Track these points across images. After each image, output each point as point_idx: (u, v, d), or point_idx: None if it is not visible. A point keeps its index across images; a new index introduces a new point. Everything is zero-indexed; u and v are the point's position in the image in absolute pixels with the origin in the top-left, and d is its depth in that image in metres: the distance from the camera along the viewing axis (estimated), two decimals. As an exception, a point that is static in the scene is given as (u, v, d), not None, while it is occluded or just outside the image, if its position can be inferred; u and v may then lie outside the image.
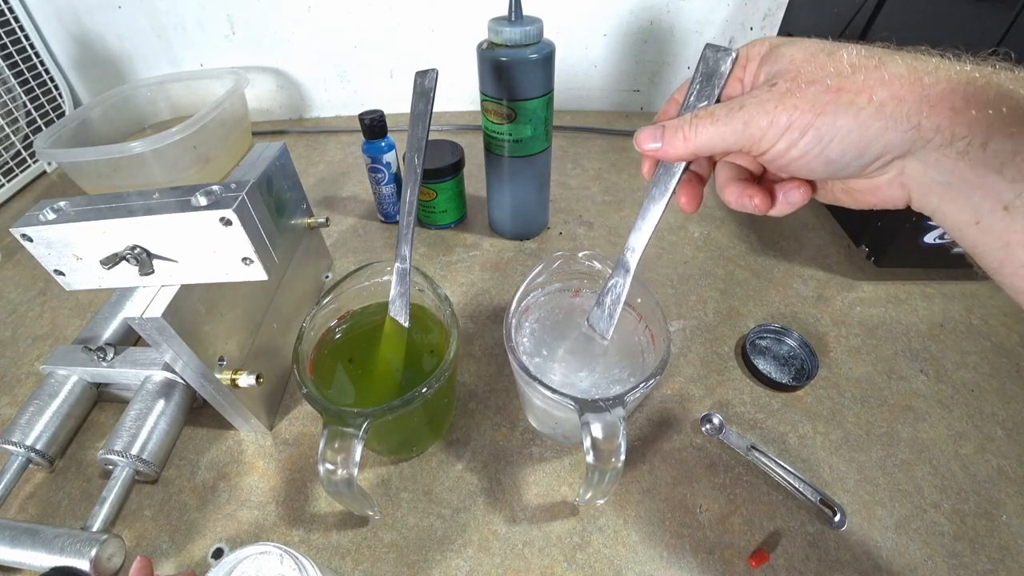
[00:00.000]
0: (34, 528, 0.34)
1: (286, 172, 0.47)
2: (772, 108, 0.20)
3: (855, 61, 0.20)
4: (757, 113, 0.21)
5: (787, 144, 0.21)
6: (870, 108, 0.19)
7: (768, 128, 0.21)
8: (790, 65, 0.21)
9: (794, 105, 0.20)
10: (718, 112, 0.22)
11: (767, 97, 0.21)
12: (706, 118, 0.22)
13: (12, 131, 0.76)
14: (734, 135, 0.22)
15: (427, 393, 0.32)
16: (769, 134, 0.21)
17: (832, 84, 0.19)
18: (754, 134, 0.21)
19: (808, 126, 0.20)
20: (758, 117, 0.21)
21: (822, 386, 0.45)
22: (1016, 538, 0.36)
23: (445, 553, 0.36)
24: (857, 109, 0.19)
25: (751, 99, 0.21)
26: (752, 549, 0.35)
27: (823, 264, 0.58)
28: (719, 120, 0.22)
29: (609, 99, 0.91)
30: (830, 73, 0.20)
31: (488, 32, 0.47)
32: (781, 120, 0.20)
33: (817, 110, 0.20)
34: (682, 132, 0.23)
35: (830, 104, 0.19)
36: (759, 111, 0.21)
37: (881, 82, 0.19)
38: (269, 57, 0.89)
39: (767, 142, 0.21)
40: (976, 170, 0.18)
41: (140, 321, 0.32)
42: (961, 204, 0.19)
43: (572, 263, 0.40)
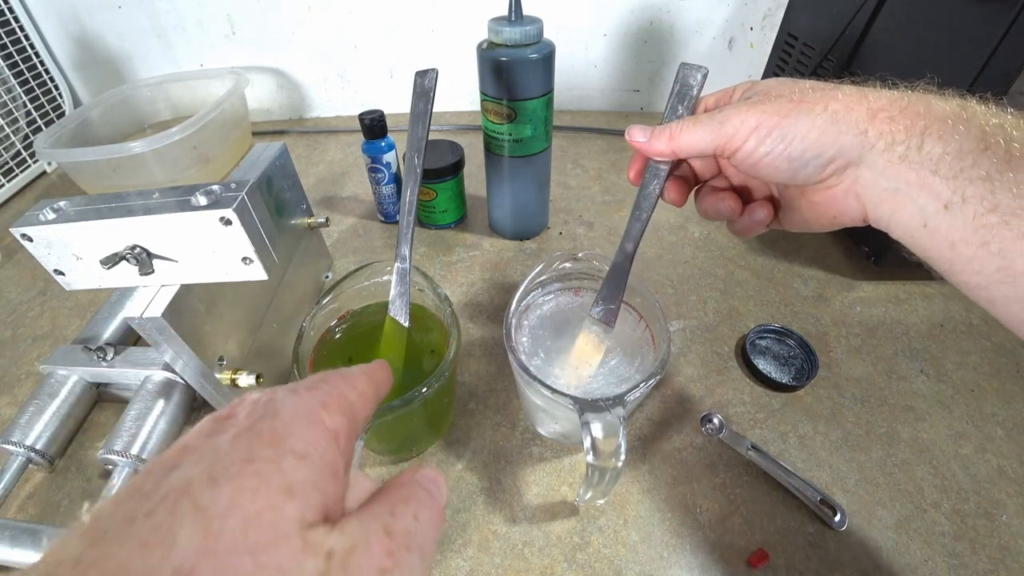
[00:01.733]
0: (34, 528, 0.34)
1: (286, 172, 0.47)
2: (745, 111, 0.24)
3: (816, 85, 0.25)
4: (732, 115, 0.25)
5: (756, 142, 0.24)
6: (825, 115, 0.23)
7: (740, 126, 0.24)
8: (764, 88, 0.26)
9: (763, 110, 0.24)
10: (701, 117, 0.26)
11: (743, 106, 0.25)
12: (690, 122, 0.26)
13: (12, 131, 0.76)
14: (711, 134, 0.25)
15: (427, 393, 0.32)
16: (741, 131, 0.24)
17: (795, 97, 0.24)
18: (728, 132, 0.25)
19: (774, 127, 0.23)
20: (733, 117, 0.25)
21: (822, 386, 0.45)
22: (1016, 538, 0.36)
23: (445, 553, 0.36)
24: (815, 115, 0.23)
25: (729, 107, 0.25)
26: (752, 549, 0.35)
27: (823, 264, 0.58)
28: (700, 123, 0.26)
29: (609, 99, 0.91)
30: (794, 91, 0.24)
31: (488, 32, 0.47)
32: (751, 121, 0.24)
33: (782, 114, 0.23)
34: (668, 131, 0.27)
35: (793, 110, 0.23)
36: (734, 113, 0.25)
37: (834, 98, 0.23)
38: (269, 57, 0.89)
39: (739, 139, 0.24)
40: (916, 171, 0.21)
41: (140, 321, 0.32)
42: (909, 208, 0.22)
43: (572, 263, 0.40)
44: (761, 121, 0.24)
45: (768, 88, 0.25)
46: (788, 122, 0.23)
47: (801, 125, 0.23)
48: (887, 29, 0.51)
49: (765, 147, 0.24)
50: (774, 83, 0.26)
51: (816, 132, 0.23)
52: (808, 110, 0.23)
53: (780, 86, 0.25)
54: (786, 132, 0.23)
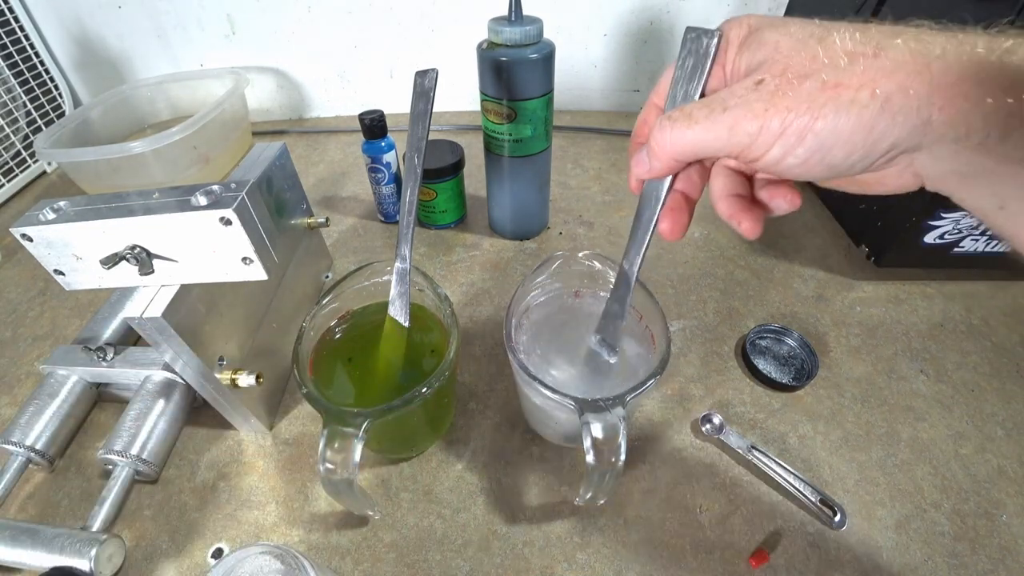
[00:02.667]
0: (34, 528, 0.34)
1: (286, 172, 0.47)
2: (761, 111, 0.18)
3: (850, 48, 0.17)
4: (743, 117, 0.18)
5: (782, 151, 0.18)
6: (874, 104, 0.16)
7: (758, 134, 0.18)
8: (775, 54, 0.19)
9: (787, 107, 0.17)
10: (697, 113, 0.20)
11: (754, 97, 0.18)
12: (682, 120, 0.20)
13: (12, 131, 0.76)
14: (718, 141, 0.19)
15: (427, 393, 0.32)
16: (760, 141, 0.18)
17: (829, 79, 0.17)
18: (742, 140, 0.19)
19: (806, 130, 0.17)
20: (745, 122, 0.18)
21: (822, 386, 0.45)
22: (1016, 538, 0.36)
23: (445, 553, 0.36)
24: (860, 107, 0.17)
25: (734, 99, 0.19)
26: (752, 549, 0.35)
27: (823, 264, 0.58)
28: (698, 122, 0.19)
29: (609, 99, 0.91)
30: (824, 65, 0.17)
31: (488, 32, 0.47)
32: (773, 125, 0.18)
33: (814, 112, 0.17)
34: (657, 136, 0.21)
35: (829, 103, 0.17)
36: (746, 114, 0.18)
37: (884, 72, 0.16)
38: (269, 57, 0.89)
39: (758, 149, 0.19)
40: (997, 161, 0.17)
41: (140, 321, 0.32)
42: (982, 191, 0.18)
43: (572, 263, 0.40)
44: (787, 124, 0.18)
45: (784, 57, 0.18)
46: (825, 123, 0.17)
47: (843, 125, 0.17)
48: (887, 29, 0.51)
49: (796, 158, 0.18)
50: (788, 42, 0.19)
51: (863, 131, 0.17)
52: (851, 101, 0.17)
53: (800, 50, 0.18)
54: (823, 138, 0.17)
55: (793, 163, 0.19)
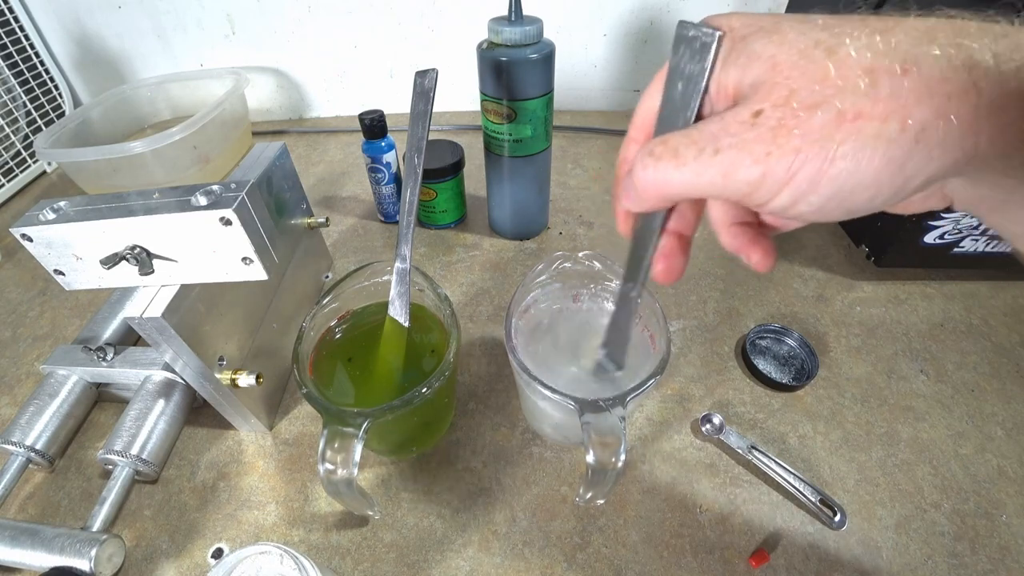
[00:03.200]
0: (34, 528, 0.34)
1: (286, 172, 0.47)
2: (763, 154, 0.14)
3: (870, 62, 0.13)
4: (740, 162, 0.15)
5: (791, 199, 0.15)
6: (906, 138, 0.13)
7: (761, 182, 0.15)
8: (774, 73, 0.15)
9: (794, 148, 0.14)
10: (684, 151, 0.16)
11: (752, 136, 0.15)
12: (668, 158, 0.16)
13: (12, 131, 0.76)
14: (712, 187, 0.16)
15: (427, 393, 0.32)
16: (764, 189, 0.15)
17: (846, 108, 0.13)
18: (740, 188, 0.15)
19: (820, 175, 0.14)
20: (743, 168, 0.15)
21: (822, 386, 0.45)
22: (1016, 538, 0.36)
23: (445, 553, 0.36)
24: (887, 143, 0.13)
25: (728, 137, 0.15)
26: (752, 549, 0.35)
27: (823, 264, 0.58)
28: (686, 164, 0.16)
29: (609, 99, 0.91)
30: (838, 89, 0.14)
31: (488, 32, 0.47)
32: (778, 171, 0.14)
33: (829, 152, 0.14)
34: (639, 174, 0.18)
35: (849, 141, 0.13)
36: (743, 159, 0.15)
37: (917, 95, 0.13)
38: (269, 57, 0.89)
39: (761, 197, 0.15)
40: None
41: (140, 321, 0.32)
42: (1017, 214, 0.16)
43: (572, 263, 0.40)
44: (797, 170, 0.14)
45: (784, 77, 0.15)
46: (843, 166, 0.14)
47: (866, 166, 0.14)
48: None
49: (808, 205, 0.15)
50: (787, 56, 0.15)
51: (892, 171, 0.14)
52: (876, 135, 0.13)
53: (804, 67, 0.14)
54: (842, 183, 0.14)
55: (806, 210, 0.15)
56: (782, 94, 0.15)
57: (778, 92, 0.15)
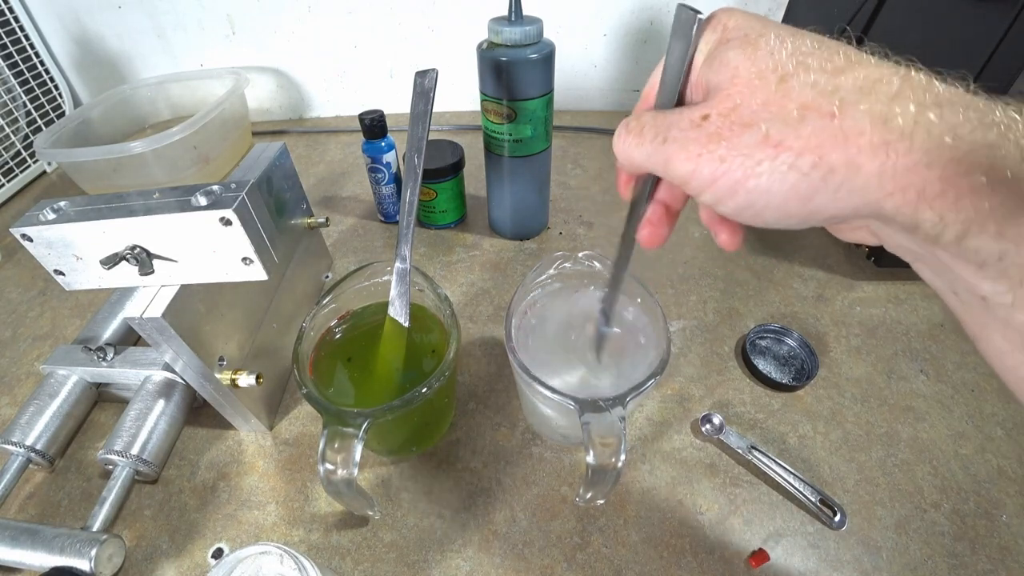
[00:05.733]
0: (34, 528, 0.34)
1: (286, 172, 0.47)
2: (695, 154, 0.17)
3: (809, 100, 0.15)
4: (677, 155, 0.17)
5: (713, 199, 0.17)
6: (815, 175, 0.15)
7: (690, 177, 0.17)
8: (731, 84, 0.16)
9: (720, 157, 0.16)
10: (647, 131, 0.18)
11: (693, 136, 0.17)
12: (635, 133, 0.19)
13: (12, 131, 0.76)
14: (659, 168, 0.18)
15: (427, 393, 0.32)
16: (692, 183, 0.17)
17: (772, 134, 0.15)
18: (676, 177, 0.18)
19: (736, 187, 0.16)
20: (679, 161, 0.17)
21: (822, 386, 0.45)
22: (1016, 538, 0.36)
23: (445, 553, 0.36)
24: (799, 175, 0.15)
25: (676, 130, 0.17)
26: (752, 549, 0.35)
27: (823, 264, 0.58)
28: (645, 143, 0.18)
29: (609, 99, 0.91)
30: (772, 115, 0.15)
31: (488, 32, 0.47)
32: (704, 172, 0.16)
33: (748, 168, 0.16)
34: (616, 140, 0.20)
35: (765, 163, 0.15)
36: (681, 153, 0.17)
37: (834, 140, 0.14)
38: (269, 57, 0.89)
39: (692, 189, 0.18)
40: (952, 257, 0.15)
41: (140, 321, 0.32)
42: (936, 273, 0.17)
43: (572, 263, 0.40)
44: (718, 175, 0.16)
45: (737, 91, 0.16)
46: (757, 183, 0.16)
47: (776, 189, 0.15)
48: (887, 29, 0.51)
49: (726, 208, 0.17)
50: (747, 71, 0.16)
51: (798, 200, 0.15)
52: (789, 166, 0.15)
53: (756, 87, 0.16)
54: (754, 198, 0.16)
55: (726, 212, 0.17)
56: (728, 105, 0.16)
57: (726, 103, 0.16)
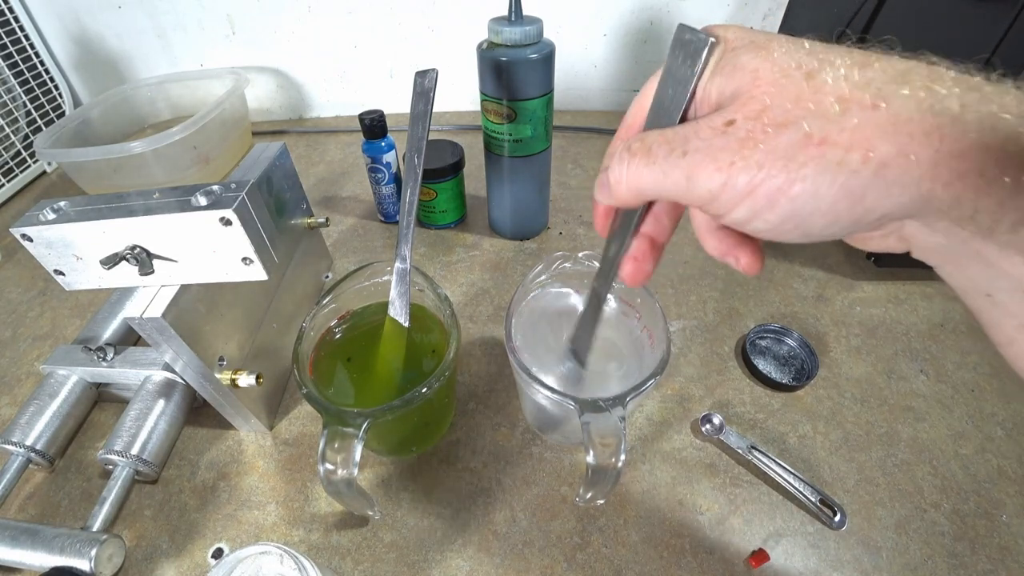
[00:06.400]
0: (34, 528, 0.34)
1: (286, 172, 0.47)
2: (726, 163, 0.15)
3: (845, 92, 0.14)
4: (704, 167, 0.15)
5: (749, 214, 0.15)
6: (867, 170, 0.13)
7: (721, 191, 0.15)
8: (753, 87, 0.15)
9: (758, 162, 0.14)
10: (657, 150, 0.16)
11: (720, 144, 0.15)
12: (641, 154, 0.17)
13: (12, 131, 0.76)
14: (676, 189, 0.16)
15: (427, 393, 0.32)
16: (723, 199, 0.15)
17: (814, 132, 0.14)
18: (701, 195, 0.16)
19: (779, 194, 0.14)
20: (705, 174, 0.15)
21: (822, 386, 0.45)
22: (1016, 538, 0.36)
23: (445, 553, 0.36)
24: (849, 172, 0.14)
25: (697, 140, 0.16)
26: (752, 549, 0.35)
27: (823, 264, 0.58)
28: (656, 162, 0.16)
29: (609, 99, 0.91)
30: (809, 111, 0.14)
31: (488, 32, 0.47)
32: (739, 183, 0.15)
33: (792, 172, 0.14)
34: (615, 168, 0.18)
35: (811, 164, 0.14)
36: (707, 165, 0.15)
37: (882, 130, 0.13)
38: (269, 57, 0.89)
39: (721, 207, 0.16)
40: (999, 249, 0.14)
41: (140, 321, 0.32)
42: (972, 273, 0.16)
43: (572, 263, 0.40)
44: (757, 184, 0.14)
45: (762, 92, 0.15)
46: (802, 189, 0.14)
47: (825, 191, 0.14)
48: (887, 29, 0.51)
49: (764, 223, 0.15)
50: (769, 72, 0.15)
51: (849, 201, 0.14)
52: (838, 163, 0.14)
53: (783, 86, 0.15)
54: (799, 205, 0.14)
55: (762, 227, 0.16)
56: (756, 108, 0.15)
57: (753, 105, 0.15)
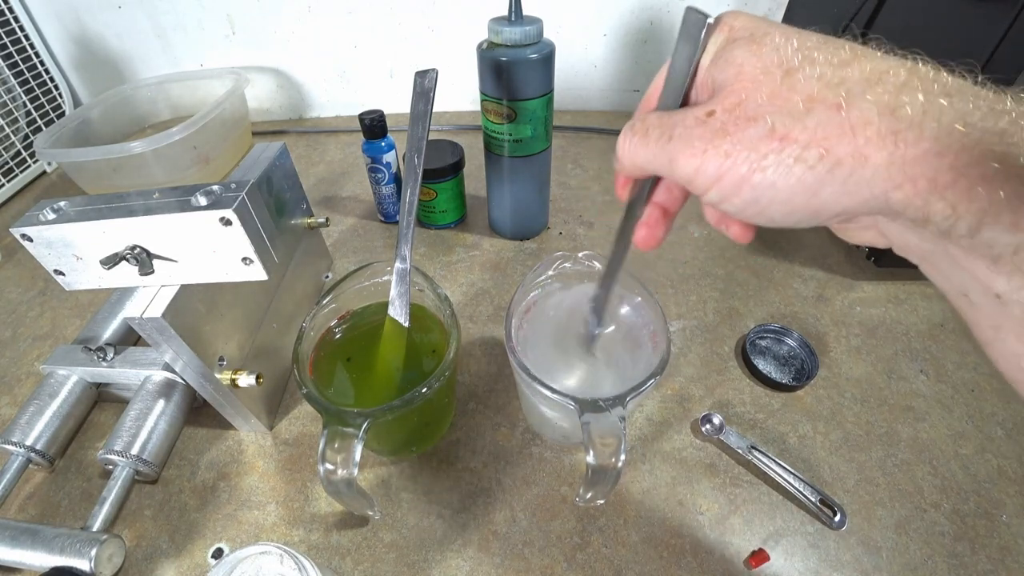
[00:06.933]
0: (34, 528, 0.34)
1: (286, 172, 0.47)
2: (700, 150, 0.16)
3: (814, 92, 0.15)
4: (682, 152, 0.17)
5: (719, 197, 0.17)
6: (821, 167, 0.14)
7: (695, 175, 0.17)
8: (736, 80, 0.16)
9: (725, 152, 0.16)
10: (652, 131, 0.18)
11: (698, 133, 0.17)
12: (640, 134, 0.19)
13: (12, 131, 0.76)
14: (663, 168, 0.18)
15: (427, 393, 0.32)
16: (698, 181, 0.17)
17: (778, 127, 0.15)
18: (681, 177, 0.17)
19: (742, 183, 0.16)
20: (684, 158, 0.17)
21: (822, 386, 0.45)
22: (1016, 538, 0.36)
23: (445, 553, 0.36)
24: (805, 167, 0.15)
25: (681, 128, 0.17)
26: (752, 549, 0.35)
27: (823, 264, 0.58)
28: (650, 143, 0.18)
29: (609, 99, 0.91)
30: (777, 108, 0.15)
31: (488, 32, 0.47)
32: (709, 168, 0.16)
33: (753, 163, 0.15)
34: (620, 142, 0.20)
35: (770, 156, 0.15)
36: (686, 151, 0.17)
37: (840, 131, 0.14)
38: (269, 57, 0.89)
39: (697, 188, 0.17)
40: (965, 253, 0.15)
41: (140, 321, 0.32)
42: (948, 274, 0.16)
43: (572, 263, 0.40)
44: (723, 172, 0.16)
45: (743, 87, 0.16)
46: (763, 178, 0.15)
47: (782, 183, 0.15)
48: (887, 29, 0.51)
49: (731, 205, 0.17)
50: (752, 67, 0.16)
51: (804, 194, 0.15)
52: (795, 158, 0.15)
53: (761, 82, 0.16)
54: (759, 194, 0.16)
55: (730, 209, 0.17)
56: (733, 101, 0.16)
57: (731, 98, 0.16)
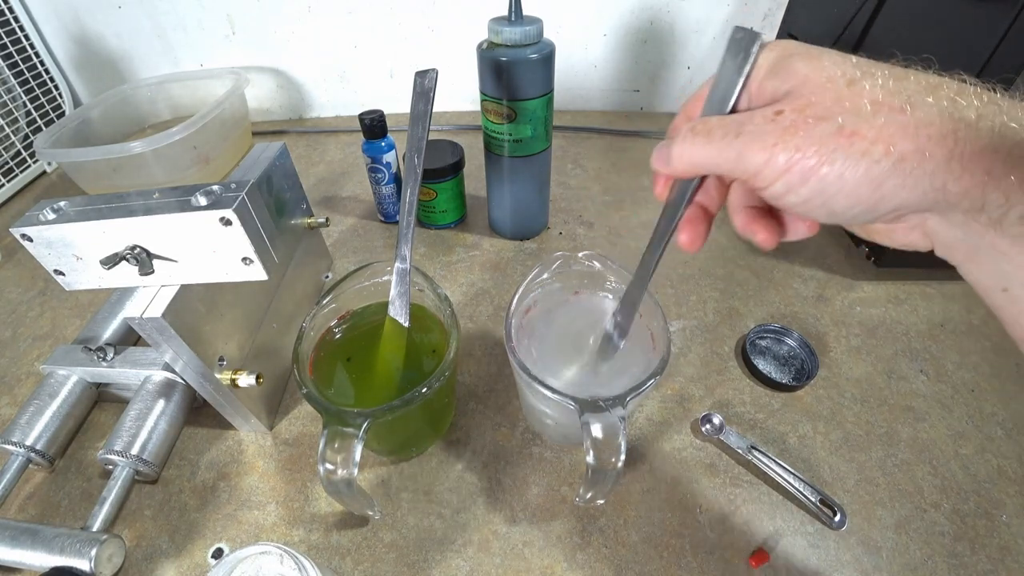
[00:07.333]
0: (34, 528, 0.34)
1: (286, 172, 0.47)
2: (771, 144, 0.18)
3: (878, 97, 0.17)
4: (753, 146, 0.18)
5: (785, 188, 0.18)
6: (887, 162, 0.16)
7: (764, 167, 0.18)
8: (802, 88, 0.18)
9: (796, 146, 0.17)
10: (716, 131, 0.20)
11: (768, 129, 0.18)
12: (703, 135, 0.20)
13: (12, 131, 0.76)
14: (728, 163, 0.19)
15: (427, 393, 0.32)
16: (765, 173, 0.18)
17: (846, 125, 0.17)
18: (748, 169, 0.19)
19: (810, 174, 0.17)
20: (753, 152, 0.18)
21: (822, 386, 0.45)
22: (1016, 538, 0.36)
23: (445, 553, 0.36)
24: (871, 161, 0.16)
25: (751, 125, 0.19)
26: (752, 549, 0.35)
27: (823, 264, 0.58)
28: (714, 141, 0.20)
29: (609, 99, 0.91)
30: (845, 109, 0.17)
31: (488, 32, 0.47)
32: (779, 161, 0.18)
33: (823, 156, 0.17)
34: (678, 145, 0.21)
35: (839, 151, 0.17)
36: (756, 145, 0.18)
37: (904, 131, 0.16)
38: (269, 57, 0.89)
39: (763, 180, 0.19)
40: (1011, 241, 0.16)
41: (140, 321, 0.32)
42: (989, 268, 0.18)
43: (572, 263, 0.40)
44: (793, 163, 0.17)
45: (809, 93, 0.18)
46: (831, 170, 0.17)
47: (849, 175, 0.17)
48: (887, 29, 0.51)
49: (797, 196, 0.18)
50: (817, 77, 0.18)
51: (869, 186, 0.17)
52: (862, 152, 0.16)
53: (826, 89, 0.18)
54: (827, 184, 0.17)
55: (795, 201, 0.19)
56: (801, 103, 0.18)
57: (799, 101, 0.18)
